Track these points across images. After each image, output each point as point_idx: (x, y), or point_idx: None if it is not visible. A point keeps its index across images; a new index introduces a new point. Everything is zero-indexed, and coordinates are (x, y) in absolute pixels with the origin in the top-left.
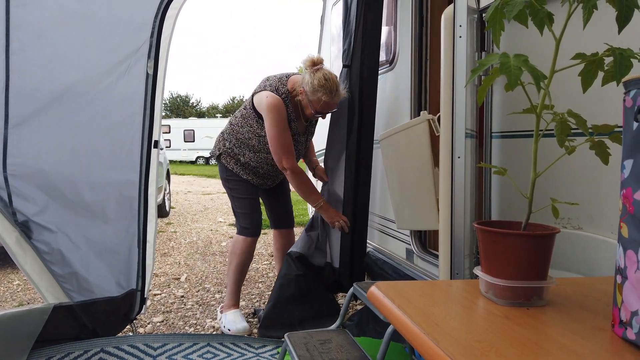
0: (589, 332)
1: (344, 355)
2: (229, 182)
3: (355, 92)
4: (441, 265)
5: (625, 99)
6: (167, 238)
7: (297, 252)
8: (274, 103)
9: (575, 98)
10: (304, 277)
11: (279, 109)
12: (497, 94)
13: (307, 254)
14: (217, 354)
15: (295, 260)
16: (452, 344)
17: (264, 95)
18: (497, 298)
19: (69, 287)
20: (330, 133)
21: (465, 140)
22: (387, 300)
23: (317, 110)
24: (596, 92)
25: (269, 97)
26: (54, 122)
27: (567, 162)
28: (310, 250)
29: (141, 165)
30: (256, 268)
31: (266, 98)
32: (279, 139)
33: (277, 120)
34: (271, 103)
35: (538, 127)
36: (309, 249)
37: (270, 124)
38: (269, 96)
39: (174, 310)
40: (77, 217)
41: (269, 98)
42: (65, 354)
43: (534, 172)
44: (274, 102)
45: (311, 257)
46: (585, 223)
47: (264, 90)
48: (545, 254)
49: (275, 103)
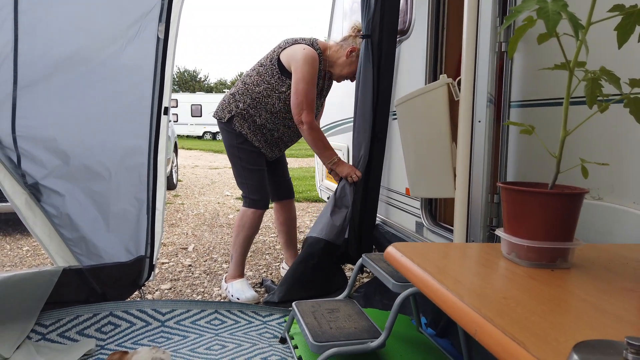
0: (618, 292)
1: (351, 324)
2: (240, 151)
3: (375, 62)
4: (456, 232)
5: None
6: (174, 210)
7: (324, 239)
8: (312, 55)
9: (604, 59)
10: (321, 266)
11: (315, 62)
12: (518, 60)
13: (332, 239)
14: (224, 321)
15: (323, 248)
16: (477, 300)
17: (300, 47)
18: (520, 259)
19: (78, 251)
20: (355, 103)
21: (486, 104)
22: (406, 259)
23: (347, 74)
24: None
25: (307, 49)
26: (62, 86)
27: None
28: (335, 234)
29: (150, 132)
30: (263, 240)
31: (303, 50)
32: (306, 90)
33: (310, 72)
34: (309, 55)
35: (570, 84)
36: (334, 233)
37: (302, 75)
38: (306, 48)
39: (181, 279)
40: (86, 182)
41: (307, 50)
42: (75, 317)
43: (564, 130)
44: (312, 54)
45: (335, 240)
46: (606, 193)
47: (299, 44)
48: (573, 215)
49: (313, 55)
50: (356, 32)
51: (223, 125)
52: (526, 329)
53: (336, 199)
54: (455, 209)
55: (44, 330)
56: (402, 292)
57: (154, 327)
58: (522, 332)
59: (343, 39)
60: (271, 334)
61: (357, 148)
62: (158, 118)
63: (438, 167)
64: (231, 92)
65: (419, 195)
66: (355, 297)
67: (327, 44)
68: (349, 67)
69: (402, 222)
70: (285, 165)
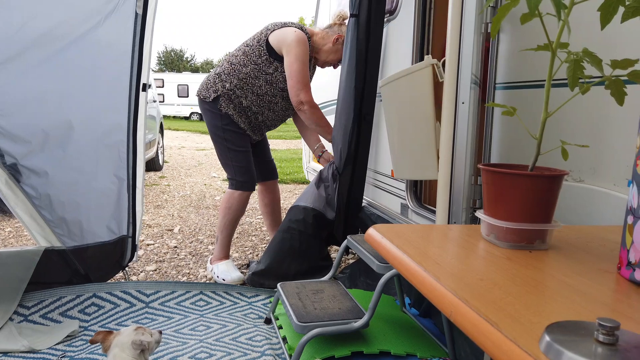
0: (594, 273)
1: (335, 304)
2: (225, 132)
3: (362, 42)
4: (438, 213)
5: None
6: (160, 191)
7: (310, 207)
8: (303, 38)
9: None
10: (306, 234)
11: (306, 45)
12: (503, 42)
13: (322, 210)
14: (209, 302)
15: (312, 217)
16: (454, 281)
17: (291, 29)
18: (499, 241)
19: (60, 232)
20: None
21: (470, 85)
22: (386, 241)
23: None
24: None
25: (298, 32)
26: (39, 62)
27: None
28: (323, 205)
29: (129, 109)
30: (249, 222)
31: (294, 32)
32: (301, 72)
33: (302, 54)
34: (300, 37)
35: (552, 65)
36: (323, 205)
37: (295, 57)
38: (297, 31)
39: (167, 260)
40: (65, 161)
41: (298, 32)
42: (57, 298)
43: (545, 112)
44: (302, 37)
45: (325, 212)
46: (587, 176)
47: (288, 27)
48: (552, 196)
49: (304, 38)
50: (341, 20)
51: (207, 105)
52: (501, 310)
53: (322, 176)
54: (438, 190)
55: (26, 312)
56: (386, 273)
57: (138, 308)
58: (497, 313)
59: (328, 26)
60: (256, 315)
61: (339, 130)
62: (137, 95)
63: (422, 148)
64: (216, 72)
65: (402, 177)
66: (340, 278)
67: (313, 30)
68: (334, 54)
69: (388, 204)
70: (267, 147)
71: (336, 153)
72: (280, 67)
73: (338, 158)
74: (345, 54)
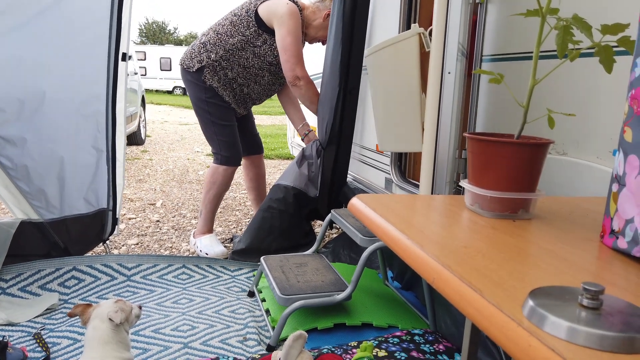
0: (578, 241)
1: (319, 277)
2: (209, 106)
3: (348, 15)
4: (422, 186)
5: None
6: (142, 165)
7: (292, 186)
8: (295, 11)
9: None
10: (287, 213)
11: (299, 18)
12: (491, 13)
13: (304, 188)
14: (192, 276)
15: (293, 196)
16: (438, 249)
17: (282, 2)
18: (483, 210)
19: (38, 204)
20: (325, 57)
21: (457, 55)
22: (369, 210)
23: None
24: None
25: (290, 4)
26: (12, 28)
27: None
28: (305, 183)
29: (108, 79)
30: (233, 197)
31: (286, 4)
32: (295, 45)
33: (295, 28)
34: (293, 10)
35: (542, 31)
36: (304, 183)
37: (287, 31)
38: (289, 3)
39: (149, 234)
40: (42, 131)
41: (290, 5)
42: (37, 271)
43: (532, 79)
44: (295, 10)
45: (307, 190)
46: (571, 149)
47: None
48: (537, 165)
49: (296, 11)
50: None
51: (190, 77)
52: (484, 277)
53: (305, 153)
54: (422, 163)
55: (4, 285)
56: (370, 246)
57: (119, 281)
58: (480, 280)
59: (319, 0)
60: (239, 288)
61: (325, 104)
62: (115, 64)
63: (407, 120)
64: (202, 42)
65: (387, 150)
66: (323, 252)
67: (304, 3)
68: (323, 31)
69: (372, 179)
70: (252, 121)
71: (321, 128)
72: (270, 39)
73: (323, 133)
74: (331, 27)
